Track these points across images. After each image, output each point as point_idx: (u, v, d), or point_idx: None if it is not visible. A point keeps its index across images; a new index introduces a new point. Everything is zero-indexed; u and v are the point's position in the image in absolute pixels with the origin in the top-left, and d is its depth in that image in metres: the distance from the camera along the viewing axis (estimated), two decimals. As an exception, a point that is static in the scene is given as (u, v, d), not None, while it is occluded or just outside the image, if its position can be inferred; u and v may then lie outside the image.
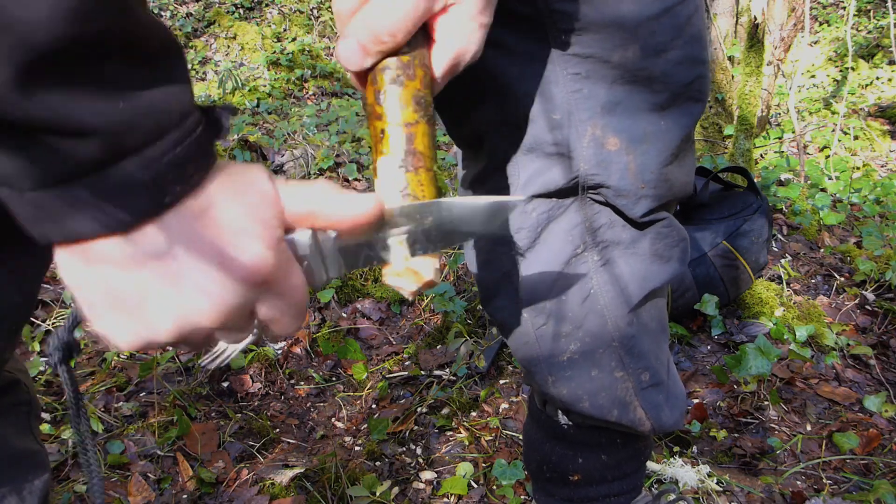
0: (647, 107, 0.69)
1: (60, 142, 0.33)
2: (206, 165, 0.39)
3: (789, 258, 2.30)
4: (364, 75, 0.49)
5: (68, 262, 0.39)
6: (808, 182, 2.98)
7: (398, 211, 0.46)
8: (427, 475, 1.42)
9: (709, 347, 1.87)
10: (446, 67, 0.50)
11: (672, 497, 1.07)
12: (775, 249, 2.35)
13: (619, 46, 0.65)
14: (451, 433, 1.54)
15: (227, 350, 0.48)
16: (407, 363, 1.79)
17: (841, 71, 5.15)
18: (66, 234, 0.36)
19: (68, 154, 0.33)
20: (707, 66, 0.72)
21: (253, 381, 1.71)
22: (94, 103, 0.33)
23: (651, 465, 1.37)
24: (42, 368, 1.69)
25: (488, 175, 0.77)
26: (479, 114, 0.74)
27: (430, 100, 0.49)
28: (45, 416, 1.51)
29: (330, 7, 6.03)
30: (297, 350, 1.84)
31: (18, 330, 0.66)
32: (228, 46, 5.53)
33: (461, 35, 0.50)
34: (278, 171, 3.07)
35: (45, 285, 1.96)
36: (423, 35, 0.49)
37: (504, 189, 0.76)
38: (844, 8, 6.07)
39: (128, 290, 0.39)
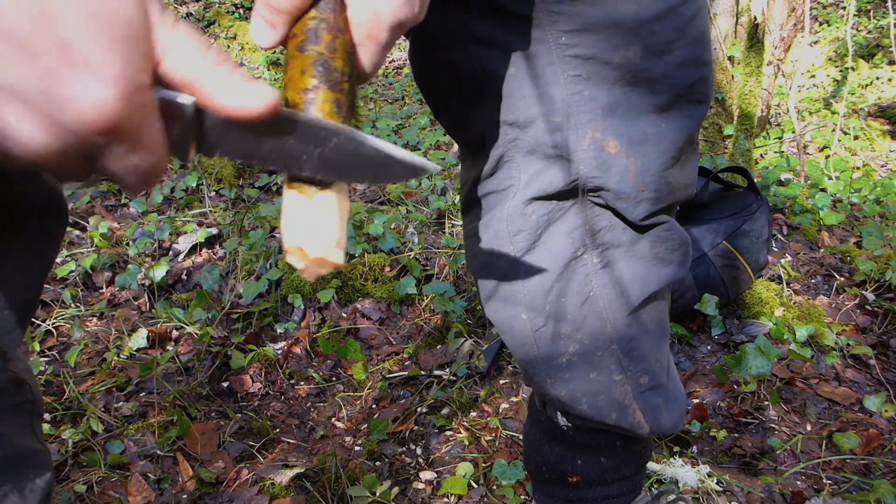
0: (648, 109, 0.69)
1: None
2: None
3: (789, 258, 2.30)
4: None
5: None
6: (808, 182, 2.98)
7: (300, 119, 0.40)
8: (427, 475, 1.42)
9: (709, 347, 1.87)
10: (364, 30, 0.45)
11: (672, 497, 1.07)
12: (775, 249, 2.35)
13: (619, 47, 0.65)
14: (451, 433, 1.54)
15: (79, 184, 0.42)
16: (407, 363, 1.79)
17: (841, 71, 5.15)
18: None
19: None
20: (710, 67, 0.71)
21: (253, 381, 1.71)
22: None
23: (651, 465, 1.37)
24: (42, 368, 1.69)
25: (490, 176, 0.77)
26: (479, 115, 0.73)
27: (344, 65, 0.45)
28: (45, 415, 1.51)
29: (330, 7, 6.04)
30: (297, 350, 1.84)
31: (24, 326, 0.66)
32: (228, 46, 5.54)
33: None
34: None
35: (45, 285, 1.96)
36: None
37: (505, 190, 0.76)
38: (844, 8, 6.07)
39: None
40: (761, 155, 3.68)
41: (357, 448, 1.50)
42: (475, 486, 1.38)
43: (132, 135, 0.34)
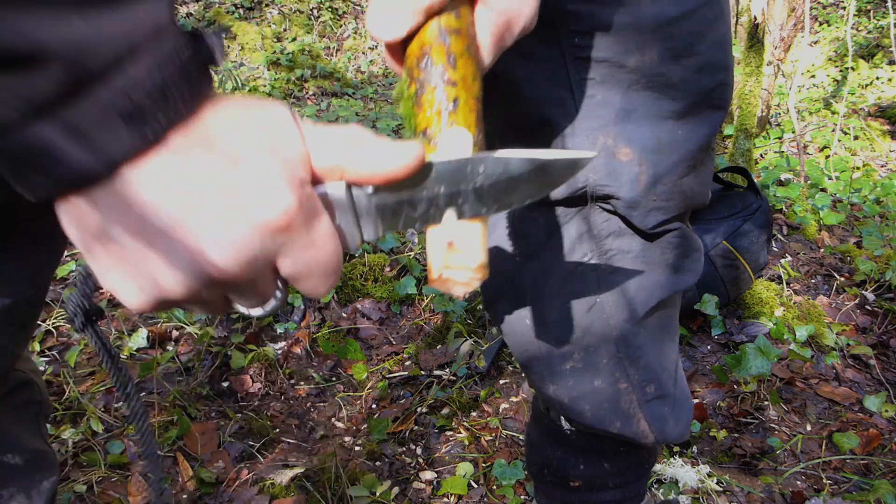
0: (665, 115, 0.66)
1: (9, 77, 0.28)
2: (196, 94, 0.34)
3: (789, 258, 2.30)
4: (399, 48, 0.44)
5: (64, 216, 0.35)
6: (808, 182, 2.98)
7: (444, 164, 0.40)
8: (427, 475, 1.42)
9: (709, 347, 1.87)
10: (495, 33, 0.45)
11: None
12: (775, 249, 2.35)
13: (635, 50, 0.62)
14: (451, 433, 1.54)
15: (268, 306, 0.41)
16: (407, 363, 1.79)
17: (841, 71, 5.15)
18: (49, 186, 0.32)
19: (26, 88, 0.29)
20: (730, 72, 0.68)
21: (253, 381, 1.70)
22: (46, 24, 0.28)
23: (651, 466, 1.37)
24: (42, 368, 1.69)
25: None
26: (488, 118, 0.72)
27: (475, 67, 0.44)
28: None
29: (330, 7, 6.03)
30: (297, 350, 1.84)
31: (30, 324, 0.66)
32: (228, 46, 5.53)
33: None
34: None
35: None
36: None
37: None
38: (844, 8, 6.07)
39: (125, 242, 0.35)
40: (761, 155, 3.68)
41: (357, 448, 1.50)
42: (475, 486, 1.38)
43: (307, 228, 0.37)
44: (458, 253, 0.42)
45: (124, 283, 0.37)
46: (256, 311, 0.41)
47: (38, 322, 1.84)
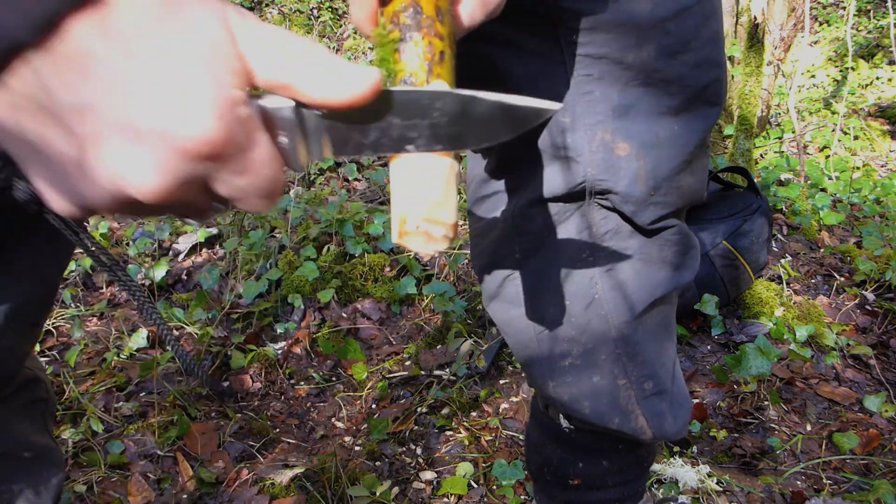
0: (661, 111, 0.67)
1: None
2: None
3: (789, 258, 2.30)
4: (381, 1, 0.44)
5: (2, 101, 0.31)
6: (808, 182, 2.98)
7: (402, 94, 0.38)
8: (427, 475, 1.42)
9: (709, 347, 1.87)
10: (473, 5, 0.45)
11: None
12: (775, 249, 2.35)
13: (632, 47, 0.63)
14: (451, 433, 1.54)
15: (206, 216, 0.38)
16: (407, 363, 1.79)
17: (841, 71, 5.15)
18: None
19: None
20: (724, 69, 0.69)
21: (253, 381, 1.71)
22: None
23: (651, 466, 1.37)
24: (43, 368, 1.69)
25: (498, 177, 0.76)
26: None
27: (437, 11, 0.42)
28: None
29: (330, 7, 6.03)
30: (297, 350, 1.84)
31: (40, 324, 0.66)
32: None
33: None
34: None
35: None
36: None
37: (512, 191, 0.75)
38: (844, 8, 6.07)
39: (45, 144, 0.31)
40: (761, 155, 3.68)
41: (357, 448, 1.50)
42: (475, 486, 1.38)
43: (239, 154, 0.34)
44: (432, 206, 0.40)
45: (46, 185, 0.34)
46: (195, 220, 0.39)
47: (38, 322, 1.85)
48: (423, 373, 1.73)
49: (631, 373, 0.78)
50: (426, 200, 0.39)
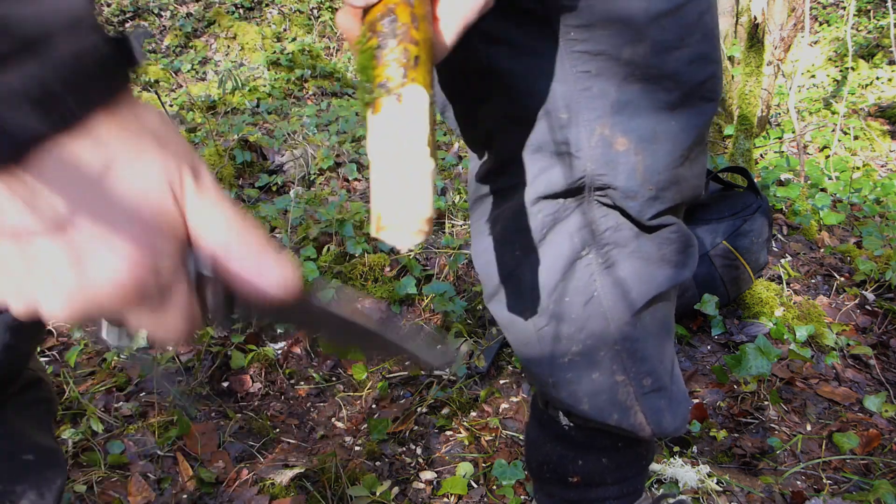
0: (659, 106, 0.68)
1: None
2: (112, 91, 0.33)
3: (789, 258, 2.30)
4: (362, 11, 0.46)
5: None
6: (808, 182, 2.98)
7: (315, 304, 0.42)
8: (427, 475, 1.42)
9: (709, 347, 1.87)
10: (459, 10, 0.47)
11: (672, 501, 1.07)
12: (775, 249, 2.35)
13: (628, 43, 0.64)
14: (451, 433, 1.54)
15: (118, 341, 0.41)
16: (407, 363, 1.79)
17: (841, 71, 5.15)
18: None
19: None
20: (719, 65, 0.70)
21: (253, 381, 1.71)
22: None
23: (651, 466, 1.37)
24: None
25: (498, 173, 0.77)
26: (486, 112, 0.73)
27: (431, 36, 0.45)
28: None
29: (330, 7, 6.03)
30: (297, 350, 1.84)
31: (44, 325, 0.67)
32: (228, 46, 5.53)
33: None
34: (278, 171, 3.07)
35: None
36: None
37: (512, 188, 0.75)
38: (844, 8, 6.07)
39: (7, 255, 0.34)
40: (761, 155, 3.68)
41: (357, 448, 1.50)
42: (475, 486, 1.38)
43: (154, 300, 0.36)
44: (407, 202, 0.41)
45: (6, 291, 0.36)
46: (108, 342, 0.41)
47: (38, 322, 1.85)
48: (423, 373, 1.73)
49: (630, 369, 0.79)
50: (402, 196, 0.41)
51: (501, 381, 1.72)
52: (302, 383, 1.74)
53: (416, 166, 0.42)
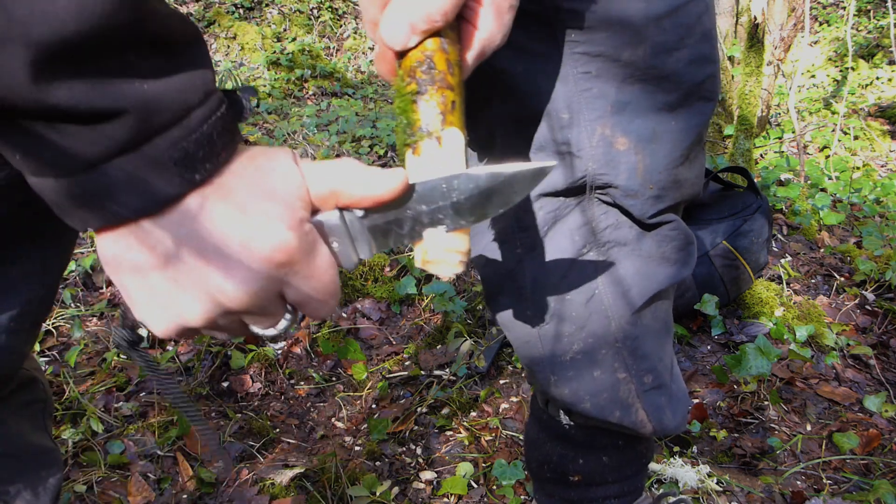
0: (658, 106, 0.69)
1: (93, 126, 0.35)
2: (231, 143, 0.41)
3: (789, 258, 2.30)
4: (397, 54, 0.50)
5: (109, 253, 0.41)
6: (808, 182, 2.98)
7: (423, 185, 0.45)
8: (427, 475, 1.42)
9: (709, 347, 1.87)
10: (478, 50, 0.51)
11: (673, 500, 1.07)
12: (775, 249, 2.35)
13: (628, 45, 0.64)
14: (451, 433, 1.54)
15: (279, 326, 0.47)
16: (407, 363, 1.79)
17: (841, 71, 5.15)
18: (105, 218, 0.38)
19: (101, 136, 0.35)
20: (718, 65, 0.71)
21: (253, 381, 1.71)
22: (120, 87, 0.35)
23: (651, 466, 1.37)
24: (42, 368, 1.69)
25: None
26: (488, 113, 0.73)
27: (449, 64, 0.49)
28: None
29: (330, 7, 6.03)
30: (297, 350, 1.84)
31: (40, 324, 0.67)
32: (228, 46, 5.53)
33: (493, 18, 0.50)
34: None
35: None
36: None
37: None
38: (844, 8, 6.07)
39: (159, 279, 0.41)
40: (761, 155, 3.68)
41: (357, 448, 1.50)
42: (475, 486, 1.38)
43: (306, 261, 0.43)
44: (449, 239, 0.47)
45: (151, 312, 0.43)
46: (270, 332, 0.46)
47: (38, 322, 1.84)
48: (423, 373, 1.73)
49: (631, 367, 0.79)
50: (444, 235, 0.47)
51: (501, 381, 1.72)
52: (302, 383, 1.74)
53: None
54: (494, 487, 1.36)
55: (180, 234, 0.39)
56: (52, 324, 1.86)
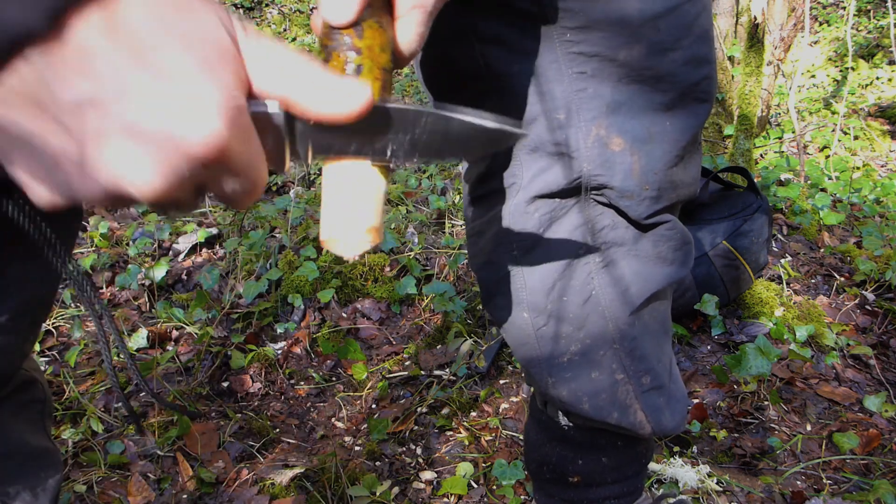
0: (653, 107, 0.69)
1: None
2: None
3: (789, 258, 2.30)
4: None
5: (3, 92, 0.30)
6: (808, 182, 2.98)
7: (391, 110, 0.40)
8: (427, 475, 1.42)
9: (709, 347, 1.87)
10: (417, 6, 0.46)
11: (672, 500, 1.07)
12: (775, 249, 2.35)
13: (624, 45, 0.64)
14: (451, 433, 1.54)
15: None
16: (407, 363, 1.79)
17: (841, 71, 5.15)
18: None
19: None
20: (714, 66, 0.71)
21: (253, 381, 1.70)
22: None
23: (651, 466, 1.37)
24: (42, 368, 1.69)
25: (495, 174, 0.77)
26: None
27: (384, 38, 0.45)
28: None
29: (330, 7, 6.03)
30: (297, 350, 1.84)
31: (39, 323, 0.67)
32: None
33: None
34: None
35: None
36: None
37: (508, 188, 0.76)
38: (844, 8, 6.07)
39: (36, 139, 0.31)
40: (761, 155, 3.68)
41: (357, 448, 1.50)
42: (475, 486, 1.38)
43: (238, 158, 0.35)
44: (356, 212, 0.42)
45: (32, 177, 0.33)
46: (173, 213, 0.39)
47: (38, 322, 1.84)
48: (423, 373, 1.73)
49: (629, 367, 0.79)
50: (349, 211, 0.42)
51: (501, 381, 1.72)
52: (302, 383, 1.74)
53: (365, 183, 0.42)
54: (494, 487, 1.36)
55: (68, 83, 0.30)
56: (52, 324, 1.86)
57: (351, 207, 0.42)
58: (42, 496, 0.68)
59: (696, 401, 1.62)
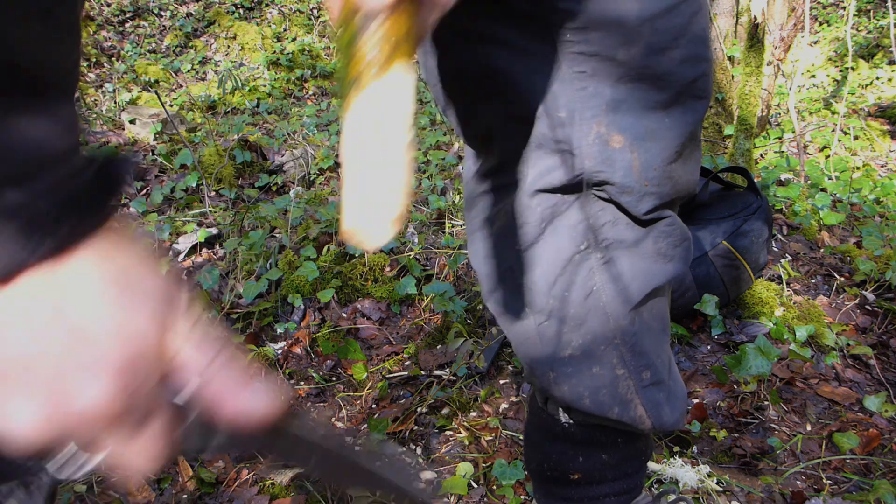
0: (652, 104, 0.70)
1: None
2: (91, 224, 0.33)
3: (789, 258, 2.30)
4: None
5: None
6: (808, 182, 2.98)
7: (294, 431, 0.41)
8: (427, 475, 1.42)
9: (709, 347, 1.87)
10: None
11: (672, 498, 1.07)
12: (775, 249, 2.35)
13: (623, 44, 0.65)
14: (451, 433, 1.54)
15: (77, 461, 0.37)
16: (407, 363, 1.79)
17: (841, 71, 5.15)
18: None
19: None
20: (710, 64, 0.72)
21: (253, 381, 1.70)
22: None
23: (651, 465, 1.37)
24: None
25: (497, 171, 0.78)
26: (486, 111, 0.74)
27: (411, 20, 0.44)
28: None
29: (330, 7, 6.02)
30: (297, 350, 1.84)
31: None
32: (228, 46, 5.53)
33: None
34: (278, 171, 3.07)
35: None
36: None
37: (511, 185, 0.76)
38: (844, 8, 6.07)
39: None
40: (761, 155, 3.68)
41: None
42: (475, 486, 1.38)
43: (126, 429, 0.34)
44: (382, 202, 0.41)
45: None
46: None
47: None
48: (423, 373, 1.73)
49: (629, 363, 0.80)
50: (375, 201, 0.41)
51: (501, 381, 1.72)
52: (302, 383, 1.74)
53: (389, 171, 0.41)
54: (494, 487, 1.36)
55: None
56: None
57: (377, 197, 0.41)
58: (36, 494, 0.68)
59: (696, 401, 1.62)
